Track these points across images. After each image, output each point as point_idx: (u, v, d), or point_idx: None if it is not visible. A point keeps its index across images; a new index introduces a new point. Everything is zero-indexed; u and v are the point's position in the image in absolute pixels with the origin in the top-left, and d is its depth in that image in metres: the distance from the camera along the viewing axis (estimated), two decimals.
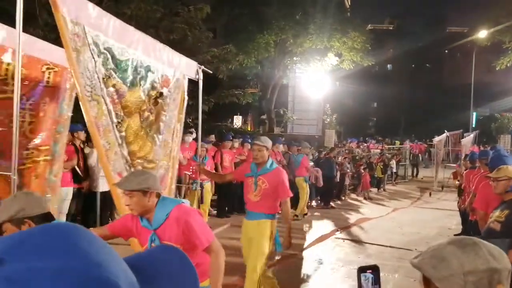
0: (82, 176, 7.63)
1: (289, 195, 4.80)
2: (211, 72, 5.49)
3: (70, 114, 4.62)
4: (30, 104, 4.13)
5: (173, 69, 4.60)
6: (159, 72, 4.28)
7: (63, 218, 7.10)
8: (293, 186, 12.05)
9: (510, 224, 3.96)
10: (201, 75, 4.58)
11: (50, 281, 0.46)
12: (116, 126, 3.57)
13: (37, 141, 4.26)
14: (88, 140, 8.35)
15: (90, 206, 7.93)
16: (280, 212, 4.96)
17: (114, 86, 3.56)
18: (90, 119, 3.22)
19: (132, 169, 3.68)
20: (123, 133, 3.67)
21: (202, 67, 4.74)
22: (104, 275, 0.49)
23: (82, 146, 7.94)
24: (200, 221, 2.86)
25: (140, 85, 3.94)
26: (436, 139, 20.05)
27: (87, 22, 3.22)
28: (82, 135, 7.63)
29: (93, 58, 3.27)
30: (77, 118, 4.65)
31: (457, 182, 10.45)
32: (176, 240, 2.76)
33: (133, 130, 3.85)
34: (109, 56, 3.49)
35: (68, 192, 7.17)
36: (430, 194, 16.21)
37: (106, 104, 3.44)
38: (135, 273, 0.56)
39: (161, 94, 4.30)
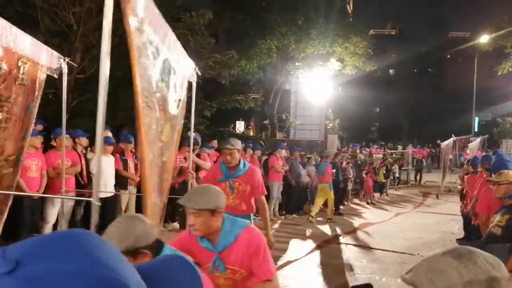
0: (84, 182, 7.65)
1: (264, 192, 4.77)
2: (213, 76, 5.50)
3: (34, 116, 4.22)
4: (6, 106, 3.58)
5: (183, 70, 4.08)
6: (178, 74, 3.73)
7: (65, 224, 7.12)
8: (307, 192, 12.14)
9: (511, 229, 3.96)
10: (195, 77, 4.48)
11: (66, 283, 0.50)
12: (159, 136, 3.25)
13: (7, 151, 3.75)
14: (91, 145, 8.37)
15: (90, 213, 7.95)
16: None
17: (161, 91, 3.23)
18: (144, 128, 2.90)
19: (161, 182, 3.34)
20: (161, 144, 3.32)
21: (196, 68, 4.64)
22: (115, 276, 0.53)
23: (84, 152, 7.97)
24: (268, 249, 2.65)
25: (169, 88, 3.50)
26: (444, 143, 20.10)
27: (147, 18, 2.86)
28: (83, 140, 7.65)
29: (150, 58, 2.93)
30: (77, 124, 4.61)
31: (459, 187, 10.44)
32: (240, 265, 2.56)
33: (166, 140, 3.47)
34: (157, 55, 3.06)
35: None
36: (437, 196, 16.34)
37: (156, 112, 3.12)
38: (144, 280, 0.59)
39: (179, 99, 3.91)
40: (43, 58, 3.94)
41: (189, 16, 13.68)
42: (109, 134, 8.75)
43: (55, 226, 7.10)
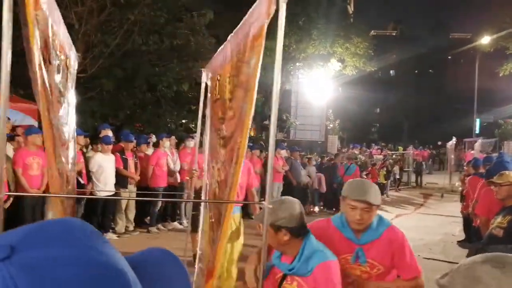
0: (85, 181, 7.65)
1: (254, 185, 4.81)
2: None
3: None
4: None
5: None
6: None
7: None
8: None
9: None
10: (204, 78, 4.45)
11: (64, 268, 0.49)
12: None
13: None
14: (92, 143, 8.37)
15: (92, 211, 7.95)
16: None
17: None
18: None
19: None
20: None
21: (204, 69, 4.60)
22: (112, 263, 0.53)
23: (84, 150, 7.96)
24: (411, 250, 2.71)
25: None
26: (449, 143, 20.19)
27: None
28: (81, 139, 7.65)
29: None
30: (77, 122, 4.54)
31: (460, 188, 10.45)
32: (380, 260, 2.60)
33: None
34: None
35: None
36: (442, 196, 16.51)
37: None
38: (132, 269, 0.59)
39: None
40: (72, 53, 3.78)
41: (190, 16, 13.69)
42: (109, 133, 8.75)
43: None
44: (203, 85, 4.55)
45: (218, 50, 3.54)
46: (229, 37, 3.02)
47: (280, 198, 2.61)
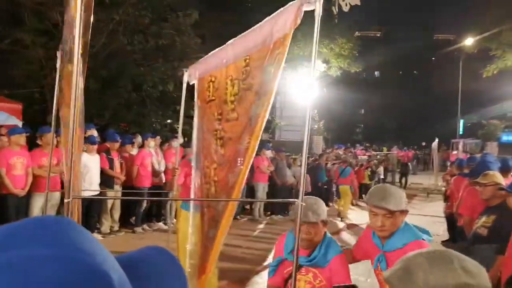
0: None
1: None
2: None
3: None
4: None
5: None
6: None
7: None
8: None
9: (498, 229, 4.00)
10: (186, 78, 4.45)
11: (45, 267, 0.47)
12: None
13: None
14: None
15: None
16: None
17: None
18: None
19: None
20: None
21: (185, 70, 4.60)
22: (95, 262, 0.51)
23: None
24: None
25: None
26: (434, 144, 20.47)
27: None
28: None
29: None
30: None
31: (443, 188, 10.59)
32: None
33: None
34: None
35: (56, 196, 7.10)
36: (428, 195, 16.80)
37: None
38: (125, 271, 0.57)
39: None
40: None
41: (175, 16, 13.63)
42: (95, 132, 8.67)
43: None
44: (184, 85, 4.55)
45: (213, 52, 3.58)
46: (231, 41, 3.12)
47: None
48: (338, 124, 41.69)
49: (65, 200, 2.25)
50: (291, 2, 2.52)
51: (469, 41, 23.88)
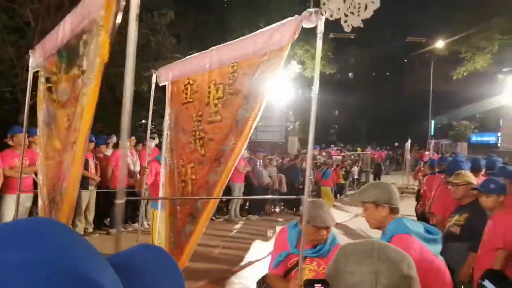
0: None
1: None
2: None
3: None
4: None
5: None
6: None
7: None
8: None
9: (470, 227, 4.09)
10: (154, 79, 4.45)
11: (21, 274, 0.44)
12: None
13: None
14: None
15: None
16: None
17: None
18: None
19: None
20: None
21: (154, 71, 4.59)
22: (81, 268, 0.48)
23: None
24: None
25: None
26: (406, 144, 20.83)
27: None
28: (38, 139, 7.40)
29: None
30: (35, 122, 4.40)
31: (416, 187, 10.80)
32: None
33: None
34: None
35: (28, 198, 6.93)
36: (401, 193, 17.05)
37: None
38: (118, 272, 0.55)
39: None
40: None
41: (150, 16, 13.50)
42: None
43: None
44: (153, 86, 4.57)
45: (192, 56, 3.80)
46: (216, 47, 3.39)
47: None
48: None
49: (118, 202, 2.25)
50: (289, 18, 2.67)
51: (440, 44, 24.39)
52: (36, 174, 7.16)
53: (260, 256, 7.58)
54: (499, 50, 20.14)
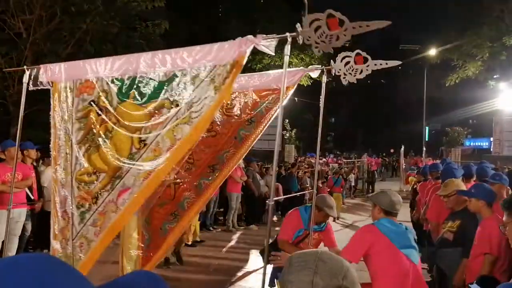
0: (35, 197, 7.29)
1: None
2: None
3: None
4: None
5: None
6: None
7: (15, 240, 6.80)
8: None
9: (462, 234, 4.10)
10: None
11: None
12: None
13: None
14: (44, 157, 8.01)
15: (43, 227, 7.61)
16: None
17: None
18: None
19: None
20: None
21: None
22: None
23: (34, 164, 7.64)
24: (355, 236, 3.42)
25: None
26: (401, 151, 20.90)
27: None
28: (32, 153, 7.34)
29: None
30: (28, 135, 4.36)
31: (409, 189, 10.78)
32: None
33: None
34: None
35: (21, 213, 6.84)
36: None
37: None
38: None
39: None
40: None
41: (144, 26, 13.52)
42: None
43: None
44: None
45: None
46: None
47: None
48: (309, 133, 42.03)
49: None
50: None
51: (432, 52, 24.63)
52: (30, 188, 7.12)
53: (258, 266, 7.54)
54: (489, 57, 20.37)
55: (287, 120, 26.06)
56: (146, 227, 4.06)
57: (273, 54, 2.72)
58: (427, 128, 37.19)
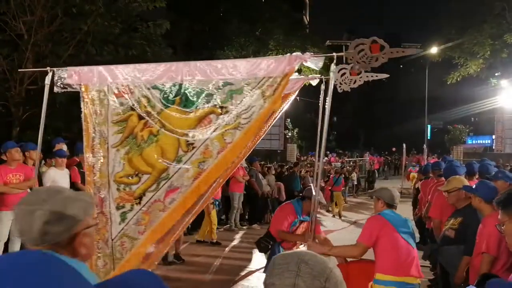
0: None
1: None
2: None
3: None
4: None
5: None
6: None
7: (18, 241, 6.81)
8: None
9: (464, 231, 4.10)
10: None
11: None
12: None
13: None
14: (46, 157, 8.02)
15: None
16: None
17: None
18: None
19: None
20: None
21: None
22: None
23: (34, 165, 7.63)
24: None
25: None
26: (404, 149, 20.88)
27: None
28: (34, 154, 7.35)
29: None
30: (29, 137, 4.36)
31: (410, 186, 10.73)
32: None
33: None
34: None
35: None
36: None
37: None
38: None
39: None
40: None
41: (146, 26, 13.53)
42: (64, 147, 8.44)
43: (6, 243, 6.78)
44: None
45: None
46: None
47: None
48: (311, 132, 42.00)
49: None
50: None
51: (433, 50, 24.60)
52: (31, 189, 7.12)
53: (261, 265, 7.54)
54: (491, 55, 20.32)
55: (289, 119, 26.06)
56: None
57: (318, 69, 3.23)
58: (429, 126, 37.14)
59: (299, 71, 23.79)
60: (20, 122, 10.88)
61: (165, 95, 3.24)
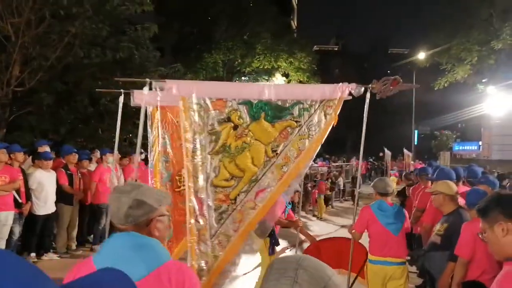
0: (23, 200, 7.22)
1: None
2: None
3: None
4: None
5: None
6: None
7: (2, 244, 6.73)
8: None
9: (449, 237, 4.13)
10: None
11: None
12: None
13: None
14: (34, 159, 7.92)
15: (31, 230, 7.55)
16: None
17: None
18: None
19: None
20: None
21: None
22: None
23: (22, 167, 7.56)
24: None
25: None
26: (387, 154, 21.01)
27: None
28: (20, 156, 7.28)
29: None
30: (16, 138, 4.32)
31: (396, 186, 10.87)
32: None
33: None
34: None
35: (8, 216, 6.78)
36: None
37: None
38: None
39: None
40: None
41: (134, 30, 13.49)
42: (47, 149, 8.33)
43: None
44: (120, 105, 4.68)
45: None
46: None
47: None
48: None
49: None
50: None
51: (421, 56, 24.83)
52: (17, 191, 7.05)
53: (246, 270, 7.52)
54: (478, 61, 20.55)
55: None
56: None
57: (356, 96, 4.13)
58: (416, 132, 37.48)
59: (287, 75, 23.87)
60: (7, 124, 10.76)
61: (251, 109, 3.89)
